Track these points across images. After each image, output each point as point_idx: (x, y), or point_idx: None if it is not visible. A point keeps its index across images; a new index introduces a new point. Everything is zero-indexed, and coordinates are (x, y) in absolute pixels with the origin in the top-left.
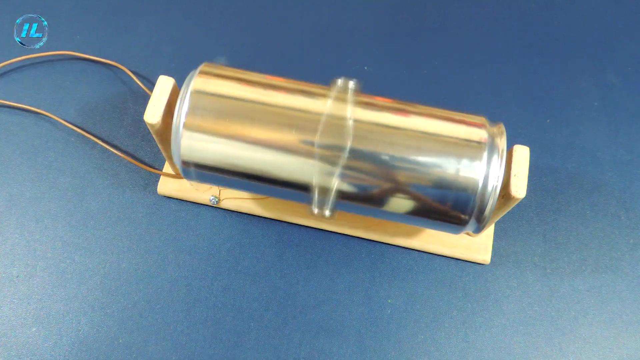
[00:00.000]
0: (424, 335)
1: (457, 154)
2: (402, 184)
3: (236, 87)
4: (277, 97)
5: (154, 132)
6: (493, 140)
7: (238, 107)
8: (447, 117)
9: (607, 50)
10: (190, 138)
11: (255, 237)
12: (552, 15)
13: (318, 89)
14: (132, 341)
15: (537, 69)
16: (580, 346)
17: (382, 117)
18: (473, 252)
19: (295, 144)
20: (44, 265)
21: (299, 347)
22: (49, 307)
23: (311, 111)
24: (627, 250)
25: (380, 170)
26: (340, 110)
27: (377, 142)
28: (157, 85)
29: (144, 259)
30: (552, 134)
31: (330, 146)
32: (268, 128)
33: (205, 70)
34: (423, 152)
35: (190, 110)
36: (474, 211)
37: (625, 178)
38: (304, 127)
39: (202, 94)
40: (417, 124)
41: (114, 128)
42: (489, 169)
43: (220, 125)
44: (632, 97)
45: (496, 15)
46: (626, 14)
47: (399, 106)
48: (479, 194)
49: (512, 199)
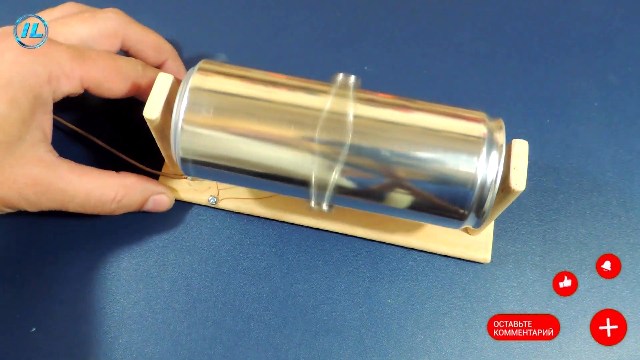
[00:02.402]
0: (424, 335)
1: (456, 149)
2: (401, 179)
3: (235, 83)
4: (277, 94)
5: (153, 129)
6: (492, 135)
7: (237, 103)
8: (446, 112)
9: (607, 50)
10: (189, 134)
11: (255, 237)
12: (552, 15)
13: (318, 85)
14: (132, 341)
15: (537, 69)
16: (580, 346)
17: (382, 113)
18: (473, 251)
19: (295, 140)
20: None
21: (299, 347)
22: (50, 308)
23: (311, 107)
24: (627, 250)
25: (379, 166)
26: (341, 107)
27: (377, 138)
28: (156, 81)
29: (144, 259)
30: (552, 134)
31: (329, 142)
32: (267, 124)
33: (204, 67)
34: (422, 147)
35: (189, 107)
36: (473, 206)
37: (625, 178)
38: (303, 122)
39: (201, 91)
40: (416, 119)
41: (114, 127)
42: (488, 164)
43: (219, 121)
44: (632, 97)
45: (496, 15)
46: (626, 14)
47: (398, 102)
48: (477, 188)
49: (511, 192)
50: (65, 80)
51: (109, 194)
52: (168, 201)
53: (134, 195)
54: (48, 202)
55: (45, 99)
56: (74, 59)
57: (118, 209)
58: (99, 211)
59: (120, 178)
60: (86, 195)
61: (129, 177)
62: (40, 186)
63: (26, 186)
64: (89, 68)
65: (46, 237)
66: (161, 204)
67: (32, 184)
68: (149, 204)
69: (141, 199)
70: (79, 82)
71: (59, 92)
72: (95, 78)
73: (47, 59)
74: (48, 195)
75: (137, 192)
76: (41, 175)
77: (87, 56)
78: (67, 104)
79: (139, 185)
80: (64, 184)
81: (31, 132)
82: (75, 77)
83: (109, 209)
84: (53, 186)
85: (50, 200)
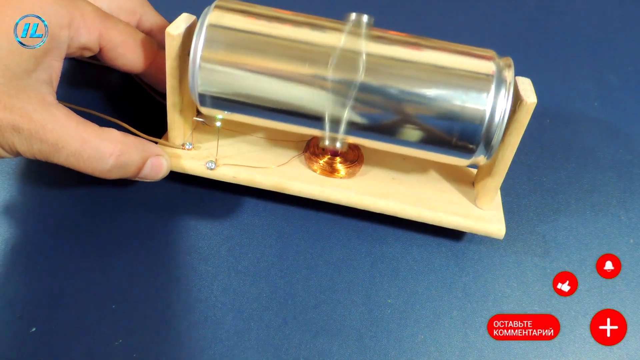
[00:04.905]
0: (424, 335)
1: (465, 86)
2: (411, 116)
3: (251, 21)
4: (291, 31)
5: (169, 52)
6: (501, 72)
7: (253, 40)
8: (457, 50)
9: (607, 50)
10: (207, 69)
11: (255, 237)
12: (552, 15)
13: (332, 23)
14: (131, 341)
15: (537, 69)
16: (580, 346)
17: (394, 51)
18: (486, 222)
19: (308, 77)
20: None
21: (299, 347)
22: (50, 308)
23: (325, 45)
24: (627, 250)
25: (390, 103)
26: (354, 44)
27: (388, 76)
28: (181, 15)
29: (144, 259)
30: (552, 134)
31: (342, 79)
32: (282, 61)
33: (221, 5)
34: (433, 84)
35: (206, 43)
36: (482, 141)
37: (625, 178)
38: (317, 60)
39: (218, 28)
40: (427, 57)
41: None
42: (497, 101)
43: (235, 57)
44: (632, 97)
45: (496, 15)
46: (626, 14)
47: (410, 40)
48: (486, 124)
49: (523, 106)
50: (85, 31)
51: (107, 147)
52: (166, 165)
53: (133, 154)
54: (39, 144)
55: (61, 43)
56: (98, 16)
57: (114, 167)
58: (93, 167)
59: (120, 135)
60: (82, 143)
61: (128, 136)
62: (35, 124)
63: (20, 121)
64: (109, 27)
65: (45, 237)
66: (159, 168)
67: (27, 120)
68: (147, 168)
69: (140, 159)
70: (97, 37)
71: (76, 41)
72: (113, 39)
73: (73, 5)
74: (41, 135)
75: (136, 150)
76: (37, 113)
77: (110, 17)
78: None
79: (139, 144)
80: (59, 126)
81: (39, 71)
82: (94, 31)
83: (105, 165)
84: (48, 127)
85: (41, 142)
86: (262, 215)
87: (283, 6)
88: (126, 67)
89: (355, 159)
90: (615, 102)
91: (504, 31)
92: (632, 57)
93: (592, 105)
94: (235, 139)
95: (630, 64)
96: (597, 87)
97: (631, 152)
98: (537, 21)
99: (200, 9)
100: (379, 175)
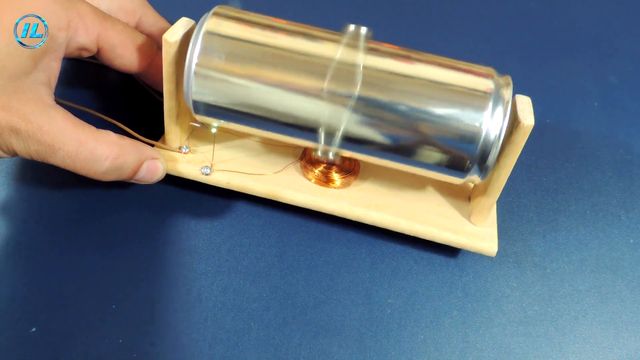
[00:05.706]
0: (424, 335)
1: (462, 103)
2: (407, 131)
3: (249, 30)
4: (288, 41)
5: (166, 58)
6: (499, 91)
7: (250, 49)
8: (456, 67)
9: (607, 50)
10: (202, 77)
11: (255, 237)
12: (552, 15)
13: (329, 35)
14: (131, 341)
15: (537, 69)
16: (580, 346)
17: (392, 65)
18: (479, 240)
19: (305, 88)
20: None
21: (299, 347)
22: (49, 308)
23: (322, 56)
24: (627, 250)
25: (386, 117)
26: (351, 57)
27: (385, 90)
28: (179, 21)
29: (143, 259)
30: (552, 134)
31: (339, 91)
32: (278, 71)
33: (219, 12)
34: (430, 101)
35: (203, 51)
36: (477, 159)
37: (625, 178)
38: (314, 71)
39: (215, 35)
40: (426, 72)
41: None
42: (493, 119)
43: (231, 66)
44: (632, 97)
45: (496, 15)
46: (626, 14)
47: (408, 54)
48: (481, 143)
49: (520, 127)
50: (83, 32)
51: (103, 150)
52: (162, 168)
53: (129, 157)
54: (36, 145)
55: (59, 44)
56: (96, 16)
57: (110, 170)
58: (89, 169)
59: (116, 137)
60: (78, 145)
61: (125, 139)
62: (32, 125)
63: (18, 122)
64: (107, 28)
65: (45, 237)
66: (155, 171)
67: (25, 122)
68: (142, 170)
69: (136, 161)
70: (95, 38)
71: (74, 42)
72: (111, 39)
73: (71, 6)
74: (38, 136)
75: (132, 153)
76: (35, 115)
77: (108, 18)
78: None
79: (135, 147)
80: (57, 128)
81: (37, 72)
82: (92, 32)
83: (101, 168)
84: (45, 128)
85: (38, 144)
86: (262, 216)
87: (284, 15)
88: (124, 68)
89: (351, 169)
90: (615, 102)
91: (504, 31)
92: (632, 57)
93: (592, 105)
94: (233, 143)
95: (630, 64)
96: (597, 87)
97: (631, 152)
98: (537, 21)
99: (202, 10)
100: (374, 187)
